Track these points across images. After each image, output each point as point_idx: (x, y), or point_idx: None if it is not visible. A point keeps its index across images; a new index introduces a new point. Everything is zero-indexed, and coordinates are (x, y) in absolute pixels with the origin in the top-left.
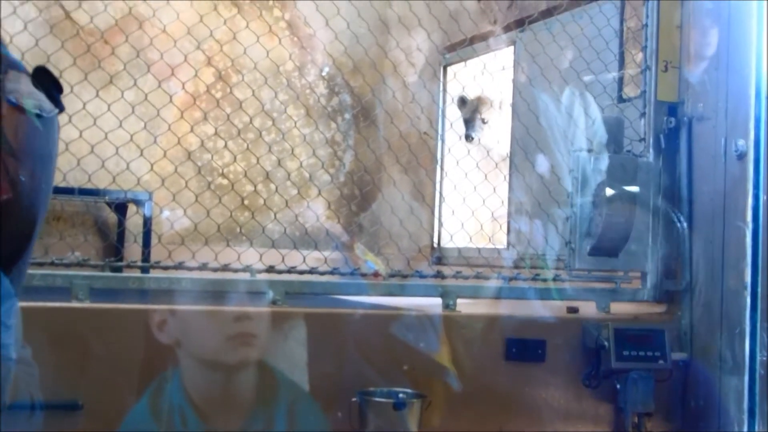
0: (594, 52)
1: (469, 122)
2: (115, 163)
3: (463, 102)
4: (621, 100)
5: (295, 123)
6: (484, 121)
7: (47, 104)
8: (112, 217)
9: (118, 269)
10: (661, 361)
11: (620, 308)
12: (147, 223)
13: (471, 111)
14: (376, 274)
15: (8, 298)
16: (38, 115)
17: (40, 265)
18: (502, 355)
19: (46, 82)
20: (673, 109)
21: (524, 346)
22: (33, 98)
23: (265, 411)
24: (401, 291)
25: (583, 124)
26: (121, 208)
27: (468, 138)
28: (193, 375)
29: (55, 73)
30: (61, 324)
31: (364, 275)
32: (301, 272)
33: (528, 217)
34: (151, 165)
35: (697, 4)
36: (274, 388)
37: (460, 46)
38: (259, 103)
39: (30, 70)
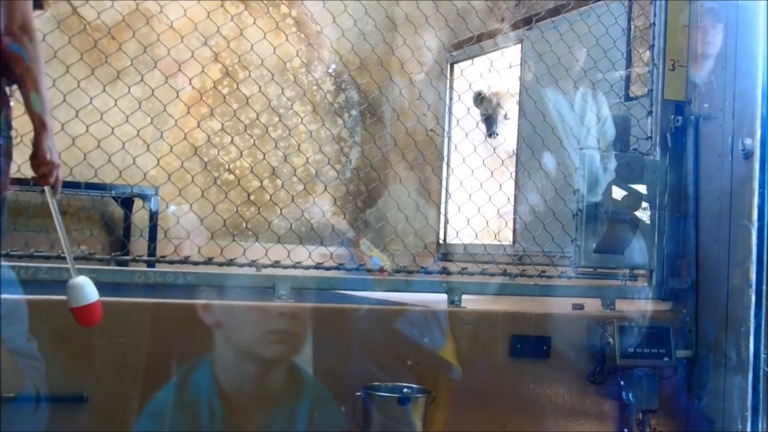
0: (601, 51)
1: (490, 119)
2: (121, 158)
3: (480, 98)
4: (628, 98)
5: (302, 119)
6: (506, 117)
7: None
8: (118, 211)
9: (124, 263)
10: (665, 359)
11: (625, 306)
12: (153, 217)
13: (493, 107)
14: (381, 270)
15: None
16: None
17: (46, 258)
18: (507, 352)
19: None
20: (680, 108)
21: (529, 343)
22: None
23: (289, 409)
24: (407, 287)
25: (590, 122)
26: (127, 203)
27: (491, 134)
28: (226, 365)
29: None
30: (66, 317)
31: (369, 271)
32: (307, 268)
33: (534, 214)
34: (158, 160)
35: (705, 4)
36: (299, 386)
37: (468, 44)
38: (265, 100)
39: None
